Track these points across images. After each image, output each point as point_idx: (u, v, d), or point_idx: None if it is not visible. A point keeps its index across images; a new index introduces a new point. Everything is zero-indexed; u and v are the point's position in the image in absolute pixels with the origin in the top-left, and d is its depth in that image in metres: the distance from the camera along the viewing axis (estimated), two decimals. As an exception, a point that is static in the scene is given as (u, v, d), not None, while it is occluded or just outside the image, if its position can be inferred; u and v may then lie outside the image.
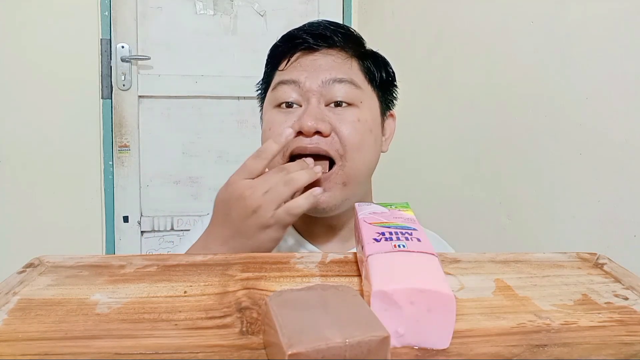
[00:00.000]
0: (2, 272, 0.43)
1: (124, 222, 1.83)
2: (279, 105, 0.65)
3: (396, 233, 0.39)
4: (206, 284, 0.40)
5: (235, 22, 1.86)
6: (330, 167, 0.63)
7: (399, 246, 0.37)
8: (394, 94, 0.72)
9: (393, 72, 0.71)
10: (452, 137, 1.46)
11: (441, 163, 1.51)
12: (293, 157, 0.62)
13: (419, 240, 0.38)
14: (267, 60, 0.70)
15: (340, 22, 1.48)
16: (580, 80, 1.06)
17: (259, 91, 0.72)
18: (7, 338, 0.31)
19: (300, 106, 0.64)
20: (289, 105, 0.64)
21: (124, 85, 1.78)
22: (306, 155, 0.61)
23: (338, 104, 0.63)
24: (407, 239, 0.38)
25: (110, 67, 1.77)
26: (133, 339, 0.31)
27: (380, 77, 0.68)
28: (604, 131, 1.02)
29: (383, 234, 0.39)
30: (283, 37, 0.69)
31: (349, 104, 0.64)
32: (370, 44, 0.71)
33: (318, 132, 0.61)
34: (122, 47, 1.77)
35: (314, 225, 0.69)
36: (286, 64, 0.66)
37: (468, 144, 1.40)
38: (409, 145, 1.45)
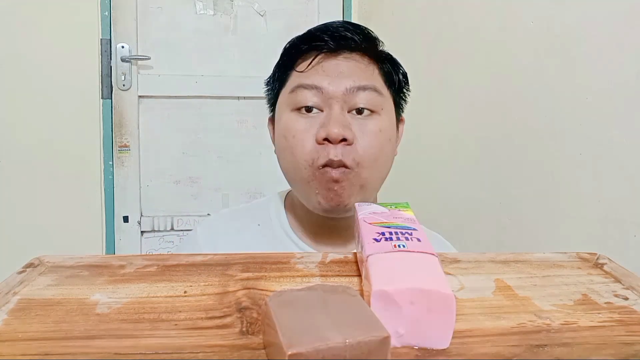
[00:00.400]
0: (2, 272, 0.43)
1: (124, 222, 1.83)
2: (297, 109, 0.64)
3: (396, 233, 0.39)
4: (206, 284, 0.40)
5: (235, 22, 1.86)
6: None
7: (399, 246, 0.37)
8: (406, 98, 0.71)
9: (406, 75, 0.71)
10: (452, 137, 1.46)
11: (441, 163, 1.51)
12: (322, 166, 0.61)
13: (419, 240, 0.38)
14: (282, 57, 0.68)
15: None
16: (581, 80, 1.06)
17: (270, 87, 0.70)
18: (7, 338, 0.31)
19: (321, 110, 0.63)
20: (309, 109, 0.63)
21: (124, 85, 1.78)
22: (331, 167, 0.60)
23: (359, 111, 0.63)
24: (407, 239, 0.38)
25: (110, 67, 1.77)
26: (133, 339, 0.31)
27: (398, 80, 0.68)
28: (604, 131, 1.02)
29: (383, 234, 0.39)
30: (302, 36, 0.67)
31: (371, 111, 0.63)
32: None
33: (343, 139, 0.60)
34: (122, 47, 1.77)
35: (320, 227, 0.68)
36: (307, 67, 0.64)
37: (468, 144, 1.39)
38: (409, 146, 1.44)
